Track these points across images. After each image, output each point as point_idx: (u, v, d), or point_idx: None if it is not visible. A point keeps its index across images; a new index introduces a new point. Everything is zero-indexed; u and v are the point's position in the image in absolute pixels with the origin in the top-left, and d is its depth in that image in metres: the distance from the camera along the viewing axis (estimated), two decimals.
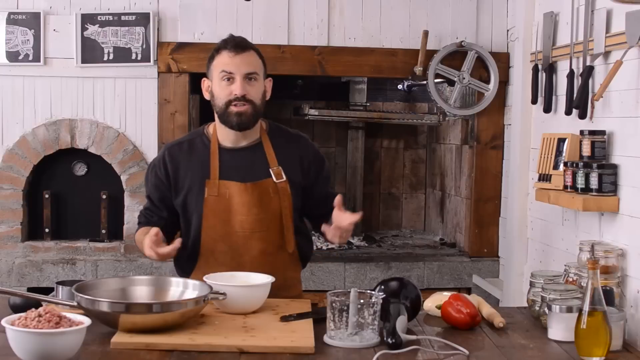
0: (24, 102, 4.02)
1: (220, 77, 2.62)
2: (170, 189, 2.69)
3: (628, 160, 2.65)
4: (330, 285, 4.07)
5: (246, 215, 2.62)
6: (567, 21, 3.20)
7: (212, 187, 2.63)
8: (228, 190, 2.63)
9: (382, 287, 2.35)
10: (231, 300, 2.30)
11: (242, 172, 2.65)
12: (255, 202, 2.62)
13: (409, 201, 5.31)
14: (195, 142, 2.72)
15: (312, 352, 2.06)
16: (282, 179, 2.66)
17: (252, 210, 2.62)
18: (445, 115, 4.66)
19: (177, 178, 2.68)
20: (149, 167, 2.78)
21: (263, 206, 2.63)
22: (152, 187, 2.73)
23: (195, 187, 2.65)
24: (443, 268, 4.22)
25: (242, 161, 2.67)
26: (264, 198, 2.64)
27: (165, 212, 2.72)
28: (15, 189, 4.03)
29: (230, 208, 2.62)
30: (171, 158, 2.69)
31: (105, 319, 2.13)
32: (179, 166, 2.68)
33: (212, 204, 2.63)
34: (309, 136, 2.88)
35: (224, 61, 2.62)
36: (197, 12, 4.07)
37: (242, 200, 2.62)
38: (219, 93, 2.62)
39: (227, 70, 2.60)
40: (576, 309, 2.20)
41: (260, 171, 2.66)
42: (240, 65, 2.61)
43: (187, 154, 2.69)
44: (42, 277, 4.00)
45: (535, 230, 3.58)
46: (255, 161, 2.67)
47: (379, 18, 4.16)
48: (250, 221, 2.62)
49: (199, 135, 2.74)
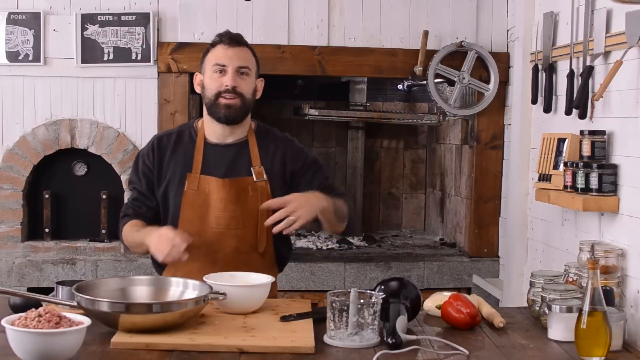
0: (24, 102, 4.02)
1: (212, 70, 2.64)
2: (154, 177, 2.70)
3: (628, 160, 2.65)
4: (330, 285, 4.07)
5: (222, 211, 2.63)
6: (567, 21, 3.20)
7: (193, 181, 2.64)
8: (208, 185, 2.64)
9: (382, 287, 2.35)
10: (231, 300, 2.30)
11: (223, 168, 2.66)
12: (232, 199, 2.63)
13: (409, 201, 5.31)
14: (183, 134, 2.74)
15: (312, 352, 2.06)
16: (262, 179, 2.67)
17: (228, 207, 2.63)
18: (445, 115, 4.66)
19: (162, 167, 2.69)
20: (137, 156, 2.78)
21: (240, 203, 2.64)
22: (141, 175, 2.72)
23: (176, 179, 2.66)
24: (443, 268, 4.22)
25: (225, 157, 2.68)
26: (241, 195, 2.64)
27: (154, 201, 2.71)
28: (15, 189, 4.03)
29: (208, 203, 2.63)
30: (159, 147, 2.71)
31: (105, 319, 2.13)
32: (164, 156, 2.70)
33: (190, 198, 2.63)
34: (309, 136, 2.88)
35: (217, 54, 2.65)
36: (197, 12, 4.07)
37: (220, 196, 2.63)
38: (210, 84, 2.64)
39: (220, 63, 2.63)
40: (576, 309, 2.20)
41: (242, 169, 2.67)
42: (233, 58, 2.63)
43: (173, 145, 2.71)
44: (42, 277, 4.00)
45: (535, 230, 3.58)
46: (238, 158, 2.68)
47: (379, 18, 4.16)
48: (226, 217, 2.63)
49: (188, 128, 2.76)
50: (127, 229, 2.68)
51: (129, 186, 2.80)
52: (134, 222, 2.68)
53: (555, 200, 3.00)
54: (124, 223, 2.71)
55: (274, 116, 5.03)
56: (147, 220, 2.68)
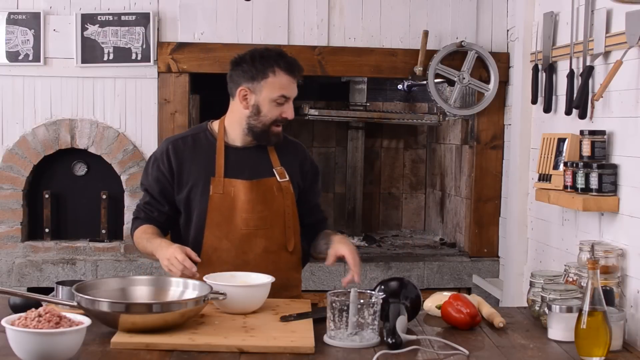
0: (24, 102, 4.02)
1: (277, 99, 2.60)
2: (173, 183, 2.67)
3: (628, 160, 2.65)
4: (330, 285, 4.07)
5: (250, 213, 2.62)
6: (567, 21, 3.20)
7: (218, 185, 2.63)
8: (233, 188, 2.63)
9: (382, 287, 2.35)
10: (231, 300, 2.30)
11: (246, 171, 2.66)
12: (259, 200, 2.63)
13: (409, 201, 5.31)
14: (199, 138, 2.71)
15: (312, 352, 2.06)
16: (285, 179, 2.68)
17: (256, 208, 2.63)
18: (445, 115, 4.66)
19: (182, 173, 2.66)
20: (150, 160, 2.74)
21: (267, 204, 2.64)
22: (153, 180, 2.69)
23: (200, 184, 2.64)
24: (443, 268, 4.22)
25: (247, 160, 2.67)
26: (267, 196, 2.65)
27: (166, 206, 2.69)
28: (15, 189, 4.03)
29: (235, 206, 2.63)
30: (175, 152, 2.67)
31: (105, 319, 2.13)
32: (184, 161, 2.67)
33: (217, 202, 2.62)
34: (309, 136, 2.89)
35: (284, 84, 2.61)
36: (197, 12, 4.07)
37: (247, 198, 2.62)
38: (269, 112, 2.61)
39: (286, 95, 2.61)
40: (576, 309, 2.20)
41: (264, 170, 2.68)
42: (295, 90, 2.65)
43: (191, 149, 2.68)
44: (42, 277, 4.00)
45: (535, 230, 3.58)
46: (259, 160, 2.68)
47: (379, 18, 4.17)
48: (254, 219, 2.63)
49: (203, 131, 2.73)
50: (138, 234, 2.67)
51: (141, 187, 2.77)
52: (145, 227, 2.66)
53: (555, 200, 3.00)
54: (136, 226, 2.71)
55: None
56: (159, 224, 2.68)
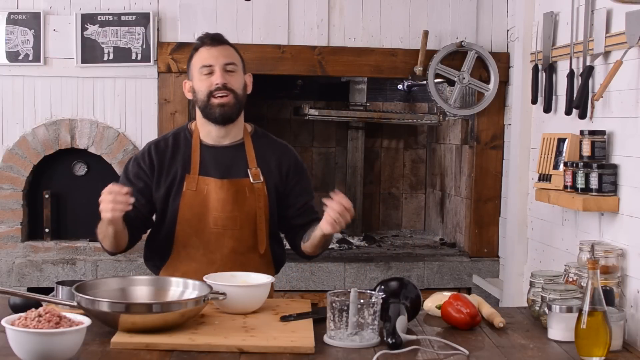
0: (24, 102, 4.02)
1: (200, 72, 2.64)
2: (152, 181, 2.69)
3: (628, 160, 2.65)
4: (330, 285, 4.07)
5: (220, 212, 2.63)
6: (567, 21, 3.20)
7: (191, 182, 2.65)
8: (206, 186, 2.65)
9: (382, 287, 2.35)
10: (231, 300, 2.30)
11: (221, 169, 2.67)
12: (230, 200, 2.64)
13: (408, 201, 5.31)
14: (179, 137, 2.74)
15: (312, 352, 2.06)
16: (259, 181, 2.68)
17: (226, 207, 2.64)
18: (445, 115, 4.66)
19: (162, 171, 2.68)
20: (130, 160, 2.75)
21: (238, 204, 2.65)
22: (133, 176, 2.69)
23: (176, 181, 2.67)
24: (443, 268, 4.22)
25: (222, 159, 2.68)
26: (239, 196, 2.65)
27: (143, 200, 2.67)
28: (15, 189, 4.03)
29: (207, 204, 2.64)
30: (157, 152, 2.70)
31: (105, 319, 2.13)
32: (164, 159, 2.69)
33: (189, 199, 2.64)
34: (309, 136, 2.88)
35: (202, 56, 2.66)
36: (197, 12, 4.07)
37: (218, 197, 2.63)
38: (200, 86, 2.65)
39: (206, 64, 2.64)
40: (576, 309, 2.20)
41: (239, 170, 2.68)
42: (218, 57, 2.64)
43: (172, 149, 2.71)
44: (42, 277, 4.00)
45: (535, 230, 3.58)
46: (235, 160, 2.69)
47: (379, 18, 4.17)
48: (223, 218, 2.63)
49: (182, 130, 2.76)
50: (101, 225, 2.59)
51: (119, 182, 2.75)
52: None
53: (555, 200, 3.00)
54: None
55: (274, 116, 5.04)
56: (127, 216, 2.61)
